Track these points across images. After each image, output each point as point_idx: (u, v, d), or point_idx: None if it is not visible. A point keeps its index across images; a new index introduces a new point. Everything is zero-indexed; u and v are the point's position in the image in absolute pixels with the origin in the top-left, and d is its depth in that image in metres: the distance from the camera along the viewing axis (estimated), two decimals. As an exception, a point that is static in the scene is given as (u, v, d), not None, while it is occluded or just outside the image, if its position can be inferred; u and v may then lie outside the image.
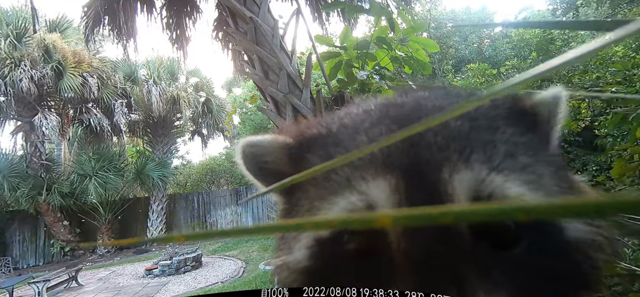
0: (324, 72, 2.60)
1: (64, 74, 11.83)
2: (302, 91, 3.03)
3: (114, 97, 13.22)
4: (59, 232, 12.81)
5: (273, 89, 3.05)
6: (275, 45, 3.12)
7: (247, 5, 3.22)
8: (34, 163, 12.34)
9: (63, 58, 11.89)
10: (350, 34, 2.58)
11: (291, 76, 3.07)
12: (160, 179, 13.61)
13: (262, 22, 3.15)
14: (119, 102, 13.17)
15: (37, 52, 11.88)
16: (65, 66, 11.86)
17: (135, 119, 14.64)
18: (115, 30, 5.17)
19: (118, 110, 13.07)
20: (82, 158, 12.76)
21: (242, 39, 3.22)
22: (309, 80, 3.07)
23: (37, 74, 11.44)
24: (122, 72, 13.87)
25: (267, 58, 3.10)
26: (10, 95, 11.19)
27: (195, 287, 7.92)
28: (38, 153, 12.48)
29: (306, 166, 0.47)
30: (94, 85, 12.24)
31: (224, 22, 4.35)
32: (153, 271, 9.21)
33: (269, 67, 3.12)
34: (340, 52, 2.59)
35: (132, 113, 14.24)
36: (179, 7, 5.18)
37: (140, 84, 14.02)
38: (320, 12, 4.90)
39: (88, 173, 12.26)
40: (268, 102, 3.14)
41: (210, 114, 15.35)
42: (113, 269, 10.65)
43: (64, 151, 13.63)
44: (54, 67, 11.74)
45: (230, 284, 7.79)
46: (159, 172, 13.57)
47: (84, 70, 12.21)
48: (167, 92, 13.64)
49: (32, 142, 12.38)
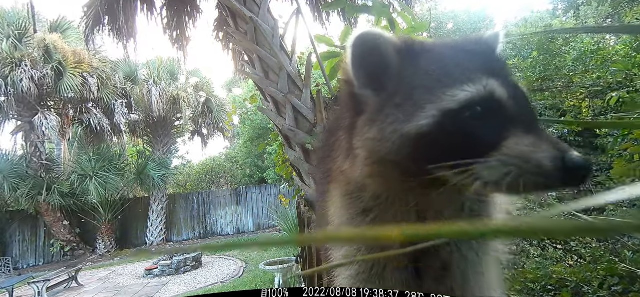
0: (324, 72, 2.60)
1: (64, 74, 11.83)
2: (302, 91, 3.03)
3: (114, 97, 13.21)
4: (59, 232, 12.81)
5: (273, 89, 3.04)
6: (275, 45, 3.11)
7: (247, 5, 3.21)
8: (34, 163, 12.34)
9: (63, 58, 11.88)
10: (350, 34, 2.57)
11: (291, 76, 3.06)
12: (161, 179, 13.61)
13: (262, 22, 3.15)
14: (119, 102, 13.16)
15: (38, 52, 11.88)
16: (66, 66, 11.86)
17: (135, 119, 14.63)
18: (116, 30, 5.17)
19: (118, 110, 13.05)
20: (82, 158, 12.75)
21: (242, 39, 3.21)
22: (309, 80, 3.06)
23: (37, 74, 11.43)
24: (122, 72, 13.85)
25: (267, 58, 3.09)
26: (11, 96, 11.18)
27: (195, 287, 7.92)
28: (38, 153, 12.48)
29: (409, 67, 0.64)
30: (94, 86, 12.23)
31: (224, 22, 4.35)
32: (153, 271, 9.21)
33: (269, 67, 3.12)
34: (341, 52, 2.59)
35: (132, 113, 14.22)
36: (179, 7, 5.18)
37: (140, 84, 14.01)
38: (320, 12, 4.90)
39: (88, 173, 12.26)
40: (268, 102, 3.14)
41: (210, 114, 15.34)
42: (113, 269, 10.66)
43: (64, 151, 13.62)
44: (54, 67, 11.73)
45: (230, 284, 7.80)
46: (159, 172, 13.57)
47: (84, 71, 12.21)
48: (167, 92, 13.63)
49: (32, 142, 12.37)
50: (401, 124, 0.60)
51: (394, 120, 0.61)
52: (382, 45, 0.65)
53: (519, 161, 0.53)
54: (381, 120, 0.63)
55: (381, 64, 0.65)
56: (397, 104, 0.63)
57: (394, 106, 0.63)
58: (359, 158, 0.66)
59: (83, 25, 5.61)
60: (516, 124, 0.56)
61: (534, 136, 0.55)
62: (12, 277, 10.00)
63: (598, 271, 2.45)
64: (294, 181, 3.39)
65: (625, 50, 5.11)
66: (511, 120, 0.57)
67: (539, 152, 0.52)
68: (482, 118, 0.57)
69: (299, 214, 3.63)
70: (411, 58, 0.65)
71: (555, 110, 6.53)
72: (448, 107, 0.57)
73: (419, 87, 0.62)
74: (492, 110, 0.57)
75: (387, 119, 0.62)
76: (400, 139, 0.59)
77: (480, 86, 0.58)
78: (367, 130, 0.64)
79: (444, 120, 0.57)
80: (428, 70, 0.62)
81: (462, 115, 0.57)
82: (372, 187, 0.69)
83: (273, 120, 3.14)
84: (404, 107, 0.61)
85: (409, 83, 0.63)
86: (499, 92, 0.58)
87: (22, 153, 12.85)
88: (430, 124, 0.57)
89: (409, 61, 0.65)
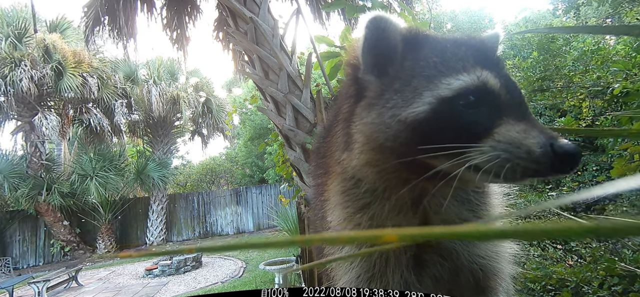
0: (324, 72, 2.60)
1: (64, 74, 11.82)
2: (302, 91, 3.02)
3: (114, 97, 13.21)
4: (59, 232, 12.81)
5: (273, 89, 3.04)
6: (275, 45, 3.11)
7: (247, 5, 3.21)
8: (34, 163, 12.33)
9: (63, 58, 11.87)
10: (350, 34, 2.58)
11: (291, 76, 3.06)
12: (161, 179, 13.60)
13: (262, 22, 3.14)
14: (119, 102, 13.15)
15: (37, 52, 11.87)
16: (65, 66, 11.85)
17: (135, 119, 14.63)
18: (116, 30, 5.16)
19: (118, 110, 13.05)
20: (83, 158, 12.74)
21: (242, 39, 3.21)
22: (309, 80, 3.06)
23: (37, 74, 11.43)
24: (122, 72, 13.85)
25: (267, 58, 3.09)
26: (11, 95, 11.18)
27: (195, 287, 7.92)
28: (38, 153, 12.47)
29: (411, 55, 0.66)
30: (94, 85, 12.22)
31: (224, 22, 4.35)
32: (153, 271, 9.21)
33: (269, 67, 3.11)
34: (340, 52, 2.59)
35: (132, 113, 14.23)
36: (179, 7, 5.18)
37: (140, 84, 14.01)
38: (320, 12, 4.89)
39: (88, 173, 12.25)
40: (268, 102, 3.13)
41: (210, 114, 15.33)
42: (113, 269, 10.65)
43: (64, 151, 13.62)
44: (54, 67, 11.73)
45: (230, 284, 7.79)
46: (159, 172, 13.56)
47: (84, 70, 12.20)
48: (167, 92, 13.63)
49: (32, 142, 12.37)
50: (399, 109, 0.62)
51: (393, 105, 0.63)
52: (392, 30, 0.66)
53: (509, 147, 0.55)
54: (381, 104, 0.64)
55: (388, 48, 0.67)
56: (396, 90, 0.64)
57: (393, 91, 0.64)
58: (356, 145, 0.67)
59: (83, 25, 5.60)
60: (508, 113, 0.59)
61: (525, 124, 0.57)
62: (12, 277, 10.00)
63: (598, 271, 2.45)
64: (294, 180, 3.39)
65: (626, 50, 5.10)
66: (503, 108, 0.59)
67: (529, 139, 0.55)
68: (476, 106, 0.59)
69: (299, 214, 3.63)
70: (413, 46, 0.67)
71: (555, 110, 6.53)
72: (443, 94, 0.60)
73: (418, 75, 0.64)
74: (485, 99, 0.60)
75: (387, 103, 0.64)
76: (398, 123, 0.61)
77: (474, 76, 0.61)
78: (366, 114, 0.66)
79: (439, 106, 0.59)
80: (428, 60, 0.65)
81: (456, 102, 0.59)
82: (369, 178, 0.69)
83: (273, 120, 3.14)
84: (403, 93, 0.63)
85: (409, 70, 0.65)
86: (492, 82, 0.60)
87: (22, 153, 12.84)
88: (427, 110, 0.60)
89: (411, 49, 0.67)
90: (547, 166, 0.53)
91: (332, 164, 0.76)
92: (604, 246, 3.15)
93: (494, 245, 0.74)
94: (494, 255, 0.74)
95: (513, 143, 0.55)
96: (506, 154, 0.55)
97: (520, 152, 0.54)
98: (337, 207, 0.75)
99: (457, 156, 0.56)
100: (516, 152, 0.54)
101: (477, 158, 0.56)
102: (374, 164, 0.66)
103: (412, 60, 0.66)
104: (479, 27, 18.35)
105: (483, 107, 0.59)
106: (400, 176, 0.66)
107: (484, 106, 0.59)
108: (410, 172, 0.63)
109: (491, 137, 0.56)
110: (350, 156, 0.69)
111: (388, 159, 0.64)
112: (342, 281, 0.76)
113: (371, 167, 0.67)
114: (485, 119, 0.58)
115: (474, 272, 0.72)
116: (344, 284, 0.74)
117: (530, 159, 0.53)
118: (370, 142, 0.65)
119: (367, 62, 0.68)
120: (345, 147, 0.71)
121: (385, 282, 0.70)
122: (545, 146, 0.53)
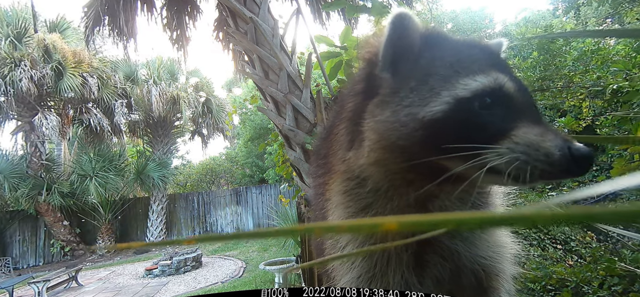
0: (324, 72, 2.60)
1: (64, 74, 11.81)
2: (302, 91, 3.02)
3: (114, 97, 13.21)
4: (59, 232, 12.80)
5: (273, 89, 3.04)
6: (275, 45, 3.11)
7: (247, 5, 3.21)
8: (34, 163, 12.33)
9: (63, 58, 11.87)
10: (350, 34, 2.58)
11: (291, 76, 3.06)
12: (161, 179, 13.60)
13: (262, 22, 3.14)
14: (119, 102, 13.15)
15: (37, 52, 11.86)
16: (65, 66, 11.84)
17: (135, 119, 14.62)
18: (116, 30, 5.16)
19: (118, 110, 13.05)
20: (83, 158, 12.74)
21: (242, 39, 3.21)
22: (309, 80, 3.06)
23: (37, 74, 11.42)
24: (122, 72, 13.84)
25: (267, 58, 3.09)
26: (10, 95, 11.17)
27: (195, 287, 7.92)
28: (38, 153, 12.47)
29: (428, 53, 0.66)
30: (94, 85, 12.22)
31: (224, 22, 4.35)
32: (153, 271, 9.21)
33: (269, 67, 3.11)
34: (341, 52, 2.59)
35: (132, 113, 14.22)
36: (179, 7, 5.18)
37: (140, 84, 14.00)
38: (320, 12, 4.89)
39: (88, 173, 12.25)
40: (268, 102, 3.13)
41: (210, 114, 15.33)
42: (113, 269, 10.65)
43: (64, 151, 13.62)
44: (54, 67, 11.72)
45: (230, 284, 7.79)
46: (159, 173, 13.56)
47: (84, 70, 12.20)
48: (167, 92, 13.62)
49: (32, 142, 12.36)
50: (416, 107, 0.61)
51: (410, 103, 0.62)
52: (413, 28, 0.66)
53: (528, 149, 0.56)
54: (396, 102, 0.64)
55: (407, 46, 0.67)
56: (412, 88, 0.63)
57: (409, 90, 0.64)
58: (366, 142, 0.66)
59: (83, 25, 5.60)
60: (523, 116, 0.59)
61: (540, 127, 0.58)
62: (12, 277, 10.00)
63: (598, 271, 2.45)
64: (294, 180, 3.39)
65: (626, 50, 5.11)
66: (519, 112, 0.60)
67: (547, 142, 0.55)
68: (491, 108, 0.60)
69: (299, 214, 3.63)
70: (430, 45, 0.67)
71: (556, 110, 6.53)
72: (461, 95, 0.60)
73: (434, 74, 0.63)
74: (501, 102, 0.60)
75: (403, 101, 0.63)
76: (414, 122, 0.61)
77: (491, 78, 0.61)
78: (379, 112, 0.65)
79: (457, 107, 0.59)
80: (444, 59, 0.65)
81: (473, 103, 0.60)
82: (374, 178, 0.69)
83: (273, 120, 3.14)
84: (419, 92, 0.62)
85: (425, 69, 0.65)
86: (508, 85, 0.61)
87: (22, 153, 12.84)
88: (444, 110, 0.59)
89: (428, 48, 0.67)
90: (564, 168, 0.54)
91: (335, 162, 0.75)
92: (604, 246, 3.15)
93: (495, 245, 0.73)
94: (496, 256, 0.73)
95: (532, 145, 0.55)
96: (525, 156, 0.55)
97: (539, 155, 0.55)
98: (339, 207, 0.74)
99: (473, 157, 0.56)
100: (535, 154, 0.55)
101: (495, 160, 0.56)
102: (383, 163, 0.66)
103: (428, 59, 0.66)
104: (479, 27, 18.35)
105: (499, 109, 0.60)
106: (405, 176, 0.65)
107: (500, 108, 0.60)
108: (417, 173, 0.63)
109: (508, 139, 0.57)
110: (357, 154, 0.68)
111: (398, 159, 0.64)
112: (342, 281, 0.75)
113: (379, 167, 0.67)
114: (502, 120, 0.59)
115: (475, 272, 0.71)
116: (345, 284, 0.74)
117: (548, 161, 0.54)
118: (383, 140, 0.64)
119: (387, 59, 0.68)
120: (350, 146, 0.70)
121: (386, 283, 0.69)
122: (563, 149, 0.54)
